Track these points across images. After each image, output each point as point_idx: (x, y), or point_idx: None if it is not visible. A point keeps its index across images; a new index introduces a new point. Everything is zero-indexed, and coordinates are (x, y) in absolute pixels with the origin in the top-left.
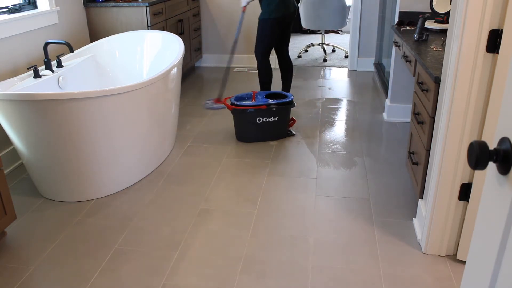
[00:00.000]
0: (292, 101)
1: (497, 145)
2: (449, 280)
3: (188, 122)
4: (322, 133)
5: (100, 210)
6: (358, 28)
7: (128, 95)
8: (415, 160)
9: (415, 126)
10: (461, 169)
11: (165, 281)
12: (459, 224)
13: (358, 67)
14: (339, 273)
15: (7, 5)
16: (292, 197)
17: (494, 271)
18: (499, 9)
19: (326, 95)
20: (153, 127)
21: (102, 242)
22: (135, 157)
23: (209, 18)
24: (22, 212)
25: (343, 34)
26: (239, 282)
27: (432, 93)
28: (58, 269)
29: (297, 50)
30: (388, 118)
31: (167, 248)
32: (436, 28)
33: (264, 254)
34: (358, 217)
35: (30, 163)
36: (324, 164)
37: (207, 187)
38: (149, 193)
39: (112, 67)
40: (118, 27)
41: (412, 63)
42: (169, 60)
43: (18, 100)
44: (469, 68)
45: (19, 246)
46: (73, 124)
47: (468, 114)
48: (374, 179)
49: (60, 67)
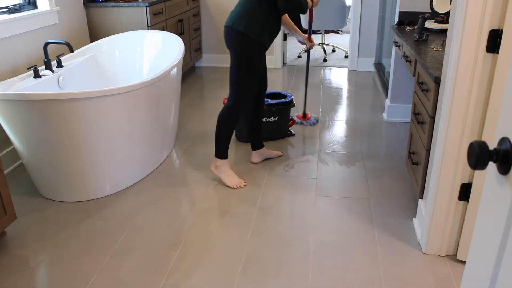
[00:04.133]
0: (292, 101)
1: (497, 145)
2: (449, 280)
3: (188, 122)
4: (322, 133)
5: (100, 210)
6: (358, 28)
7: (128, 95)
8: (415, 160)
9: (415, 126)
10: (461, 169)
11: (165, 281)
12: (459, 224)
13: (358, 67)
14: (339, 273)
15: (7, 5)
16: (292, 197)
17: (494, 271)
18: (499, 9)
19: (326, 95)
20: (153, 127)
21: (102, 242)
22: (135, 157)
23: (209, 18)
24: (22, 212)
25: (343, 34)
26: (239, 282)
27: (432, 93)
28: (58, 269)
29: (297, 50)
30: (388, 118)
31: (167, 248)
32: (436, 28)
33: (264, 254)
34: (358, 217)
35: (30, 163)
36: (324, 164)
37: (207, 187)
38: (149, 193)
39: (112, 67)
40: (118, 27)
41: (412, 63)
42: (169, 60)
43: (18, 100)
44: (469, 68)
45: (19, 246)
46: (73, 124)
47: (468, 114)
48: (374, 179)
49: (60, 67)
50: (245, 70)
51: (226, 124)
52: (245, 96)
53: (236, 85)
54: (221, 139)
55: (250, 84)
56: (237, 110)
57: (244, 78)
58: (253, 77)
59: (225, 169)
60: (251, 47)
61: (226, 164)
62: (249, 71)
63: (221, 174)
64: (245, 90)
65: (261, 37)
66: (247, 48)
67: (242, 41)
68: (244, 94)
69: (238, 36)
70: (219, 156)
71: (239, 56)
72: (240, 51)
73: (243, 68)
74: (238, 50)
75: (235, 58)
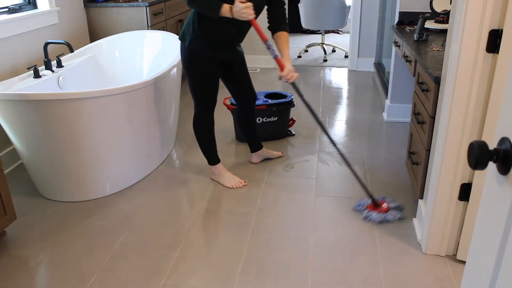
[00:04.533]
0: (292, 101)
1: (497, 145)
2: (449, 280)
3: (188, 122)
4: (322, 133)
5: (100, 210)
6: (358, 28)
7: (128, 95)
8: (415, 160)
9: (415, 126)
10: (461, 169)
11: (165, 281)
12: (459, 224)
13: (358, 67)
14: (339, 273)
15: (7, 5)
16: (292, 197)
17: (494, 271)
18: (499, 9)
19: (326, 95)
20: (153, 127)
21: (102, 242)
22: (135, 157)
23: None
24: (22, 212)
25: (343, 34)
26: (239, 282)
27: (432, 93)
28: (58, 269)
29: (297, 50)
30: (388, 118)
31: (167, 248)
32: (436, 28)
33: (264, 254)
34: (358, 217)
35: (30, 163)
36: (324, 164)
37: (207, 187)
38: (149, 193)
39: (112, 67)
40: (118, 27)
41: (412, 63)
42: (169, 60)
43: (18, 100)
44: (469, 68)
45: (19, 246)
46: (73, 124)
47: (468, 114)
48: (374, 179)
49: (60, 67)
50: (194, 80)
51: (199, 132)
52: (203, 104)
53: (193, 94)
54: (204, 146)
55: (205, 92)
56: (202, 117)
57: (197, 88)
58: (205, 85)
59: (221, 172)
60: (191, 57)
61: (220, 167)
62: (199, 80)
63: (219, 178)
64: (201, 99)
65: (199, 47)
66: (188, 59)
67: (183, 53)
68: (201, 102)
69: (181, 48)
70: (211, 163)
71: (184, 67)
72: (184, 62)
73: (192, 78)
74: (183, 62)
75: (184, 69)
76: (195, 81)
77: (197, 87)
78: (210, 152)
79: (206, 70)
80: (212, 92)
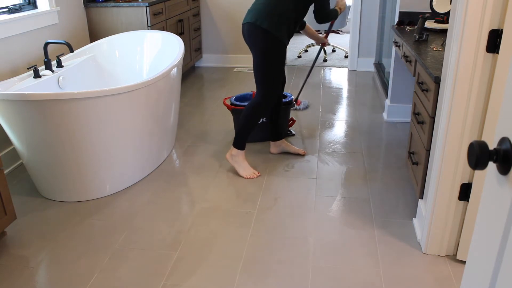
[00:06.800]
0: (292, 101)
1: (497, 145)
2: (449, 280)
3: (188, 122)
4: (322, 133)
5: (100, 210)
6: (358, 28)
7: (128, 95)
8: (415, 160)
9: (415, 126)
10: (461, 169)
11: (165, 281)
12: (459, 224)
13: (358, 67)
14: (339, 273)
15: (7, 5)
16: (292, 197)
17: (494, 271)
18: (499, 9)
19: (326, 95)
20: (153, 127)
21: (102, 242)
22: (135, 157)
23: (209, 18)
24: (22, 212)
25: (343, 34)
26: (239, 282)
27: (432, 93)
28: (58, 269)
29: (297, 50)
30: (388, 118)
31: (167, 248)
32: (436, 28)
33: (264, 254)
34: (358, 217)
35: (30, 163)
36: (324, 164)
37: (207, 187)
38: (149, 193)
39: (112, 67)
40: (118, 27)
41: (412, 63)
42: (169, 60)
43: (18, 100)
44: (469, 68)
45: (19, 246)
46: (72, 124)
47: (468, 114)
48: (374, 179)
49: (60, 67)
50: (270, 66)
51: (252, 117)
52: (272, 92)
53: (263, 81)
54: (243, 131)
55: (276, 80)
56: (264, 105)
57: (270, 75)
58: (277, 73)
59: (240, 160)
60: (274, 44)
61: (242, 154)
62: (274, 67)
63: (235, 163)
64: (271, 86)
65: (282, 35)
66: (270, 45)
67: (265, 38)
68: (271, 90)
69: (262, 33)
70: (237, 146)
71: (262, 53)
72: (264, 48)
73: (269, 65)
74: (261, 47)
75: (259, 55)
76: (272, 67)
77: (273, 72)
78: (245, 137)
79: (283, 57)
80: (281, 78)
